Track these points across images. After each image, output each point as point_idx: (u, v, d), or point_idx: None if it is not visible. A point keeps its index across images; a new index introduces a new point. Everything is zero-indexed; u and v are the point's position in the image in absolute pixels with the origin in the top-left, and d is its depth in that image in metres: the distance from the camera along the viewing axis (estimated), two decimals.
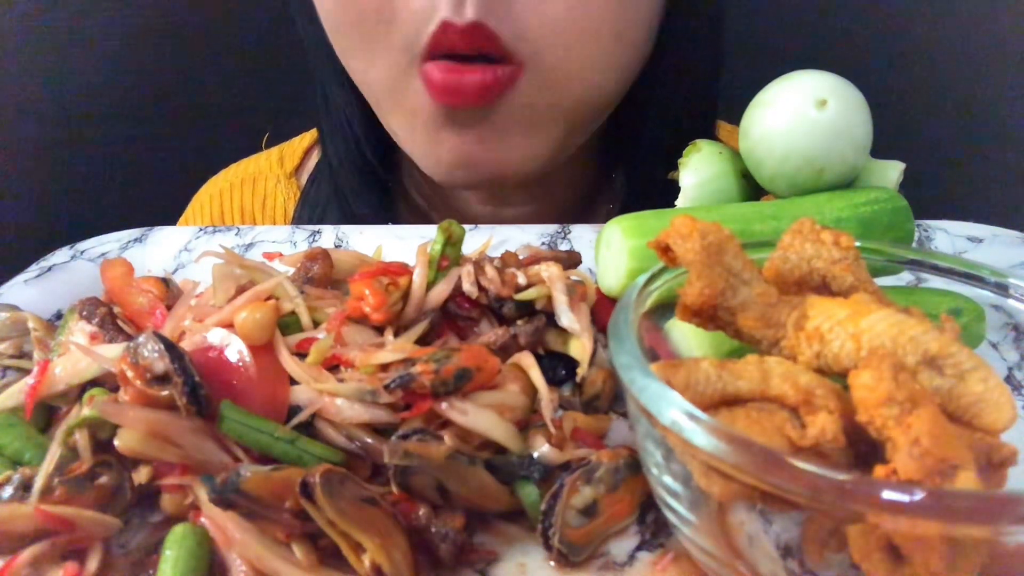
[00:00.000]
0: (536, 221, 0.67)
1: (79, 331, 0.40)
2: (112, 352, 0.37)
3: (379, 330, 0.38)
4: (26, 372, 0.38)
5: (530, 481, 0.33)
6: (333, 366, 0.36)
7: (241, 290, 0.39)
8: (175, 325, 0.38)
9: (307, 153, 0.79)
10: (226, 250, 0.42)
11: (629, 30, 0.54)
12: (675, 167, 0.49)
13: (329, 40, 0.56)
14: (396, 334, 0.38)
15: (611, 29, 0.52)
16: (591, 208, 0.71)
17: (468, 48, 0.49)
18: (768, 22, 0.93)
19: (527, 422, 0.36)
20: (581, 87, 0.54)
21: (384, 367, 0.35)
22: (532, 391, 0.36)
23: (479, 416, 0.33)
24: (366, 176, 0.67)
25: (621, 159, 0.68)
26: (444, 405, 0.33)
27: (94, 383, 0.37)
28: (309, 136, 0.80)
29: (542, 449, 0.34)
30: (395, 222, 0.65)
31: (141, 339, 0.33)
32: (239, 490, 0.29)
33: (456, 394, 0.33)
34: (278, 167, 0.78)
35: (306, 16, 0.58)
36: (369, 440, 0.33)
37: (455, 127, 0.53)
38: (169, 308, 0.40)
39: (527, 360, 0.37)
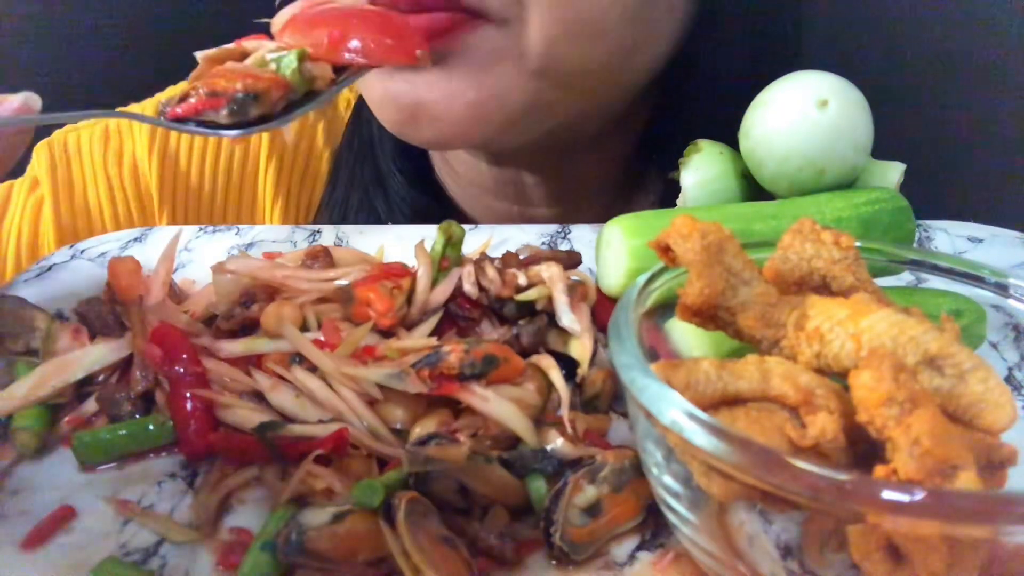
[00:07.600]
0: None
1: (62, 335, 0.40)
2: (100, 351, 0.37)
3: (383, 334, 0.38)
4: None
5: (540, 475, 0.33)
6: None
7: (244, 292, 0.39)
8: None
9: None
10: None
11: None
12: (676, 167, 0.49)
13: None
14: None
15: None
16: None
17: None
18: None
19: (539, 421, 0.36)
20: (564, 51, 0.49)
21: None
22: (547, 393, 0.36)
23: (500, 405, 0.34)
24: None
25: (654, 165, 0.65)
26: (468, 390, 0.33)
27: (89, 380, 0.38)
28: None
29: (556, 443, 0.34)
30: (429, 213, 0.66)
31: None
32: (304, 550, 0.28)
33: (481, 379, 0.34)
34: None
35: None
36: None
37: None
38: (179, 303, 0.40)
39: (547, 361, 0.37)
